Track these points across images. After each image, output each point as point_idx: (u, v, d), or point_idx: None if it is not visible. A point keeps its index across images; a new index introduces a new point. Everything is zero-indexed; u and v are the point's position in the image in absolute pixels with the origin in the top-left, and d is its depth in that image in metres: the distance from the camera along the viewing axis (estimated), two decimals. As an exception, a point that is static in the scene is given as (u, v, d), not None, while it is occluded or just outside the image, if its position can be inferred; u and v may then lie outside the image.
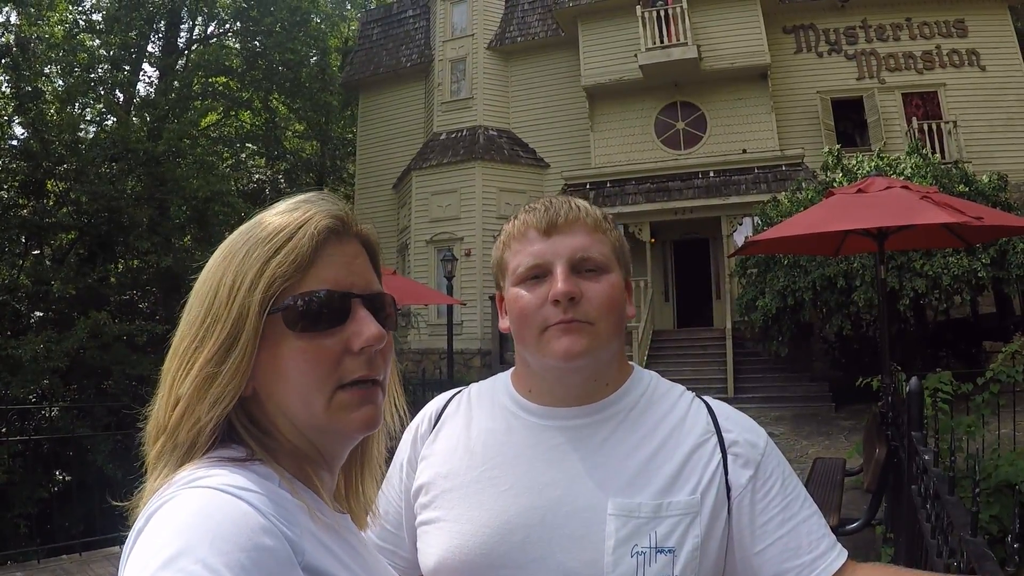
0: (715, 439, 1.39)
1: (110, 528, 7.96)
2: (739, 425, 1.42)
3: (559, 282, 1.34)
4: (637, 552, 1.28)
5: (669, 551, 1.28)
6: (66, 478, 15.73)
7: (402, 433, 1.29)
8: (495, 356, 20.23)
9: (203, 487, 0.86)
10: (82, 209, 19.46)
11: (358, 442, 1.11)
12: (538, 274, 1.38)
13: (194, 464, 0.93)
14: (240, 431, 0.98)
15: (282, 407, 0.99)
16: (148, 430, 1.00)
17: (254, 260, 0.97)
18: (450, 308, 16.92)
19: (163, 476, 0.93)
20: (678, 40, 19.41)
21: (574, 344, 1.34)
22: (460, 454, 1.45)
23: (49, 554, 7.91)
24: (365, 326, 1.01)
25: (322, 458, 1.04)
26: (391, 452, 1.30)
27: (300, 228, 0.99)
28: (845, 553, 1.33)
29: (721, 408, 1.46)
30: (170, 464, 0.94)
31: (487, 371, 19.39)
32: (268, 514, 0.85)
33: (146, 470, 0.99)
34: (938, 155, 16.56)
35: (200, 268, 1.04)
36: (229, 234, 1.05)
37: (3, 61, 19.37)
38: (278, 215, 1.02)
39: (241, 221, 1.09)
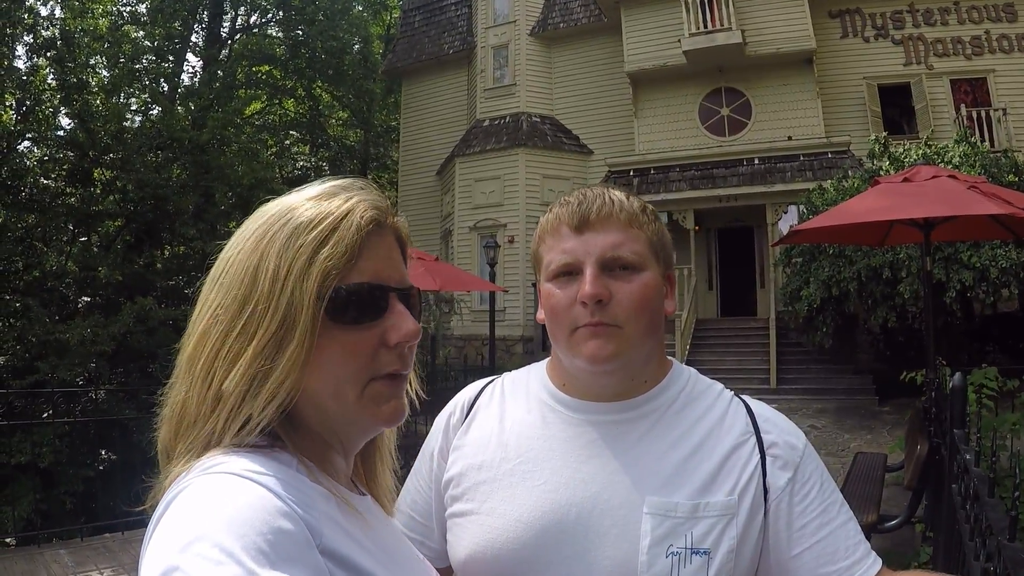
0: (754, 440, 1.36)
1: (152, 508, 8.13)
2: (778, 427, 1.40)
3: (587, 284, 1.31)
4: (672, 552, 1.26)
5: (704, 552, 1.26)
6: (112, 458, 16.04)
7: (413, 423, 1.28)
8: (537, 343, 20.27)
9: (221, 472, 0.86)
10: (128, 197, 19.80)
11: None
12: (569, 271, 1.36)
13: (213, 451, 0.92)
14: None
15: (311, 396, 0.97)
16: (167, 417, 0.99)
17: (302, 248, 0.95)
18: (492, 295, 16.92)
19: (183, 464, 0.92)
20: (722, 25, 19.17)
21: (601, 349, 1.32)
22: (494, 446, 1.43)
23: (93, 532, 8.07)
24: (403, 321, 1.01)
25: (341, 446, 1.04)
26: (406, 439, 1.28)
27: (345, 218, 0.98)
28: (880, 561, 1.31)
29: (760, 408, 1.43)
30: (193, 452, 0.94)
31: (529, 357, 19.41)
32: (286, 498, 0.85)
33: (160, 458, 0.99)
34: (987, 143, 16.17)
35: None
36: None
37: (48, 54, 19.69)
38: (315, 201, 1.01)
39: None
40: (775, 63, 19.51)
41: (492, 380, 1.59)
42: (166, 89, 26.18)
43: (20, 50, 20.00)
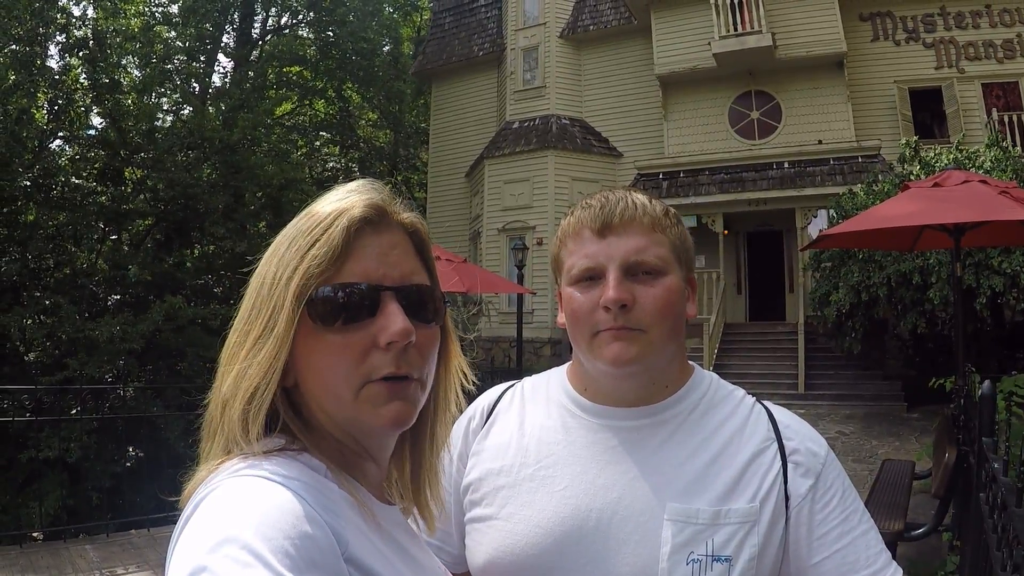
0: (775, 447, 1.35)
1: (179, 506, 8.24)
2: (800, 434, 1.38)
3: (610, 289, 1.31)
4: (693, 559, 1.25)
5: (726, 560, 1.25)
6: (139, 454, 16.19)
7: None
8: (565, 345, 20.21)
9: (249, 475, 0.87)
10: (159, 196, 19.99)
11: (422, 435, 1.13)
12: (592, 276, 1.35)
13: (243, 454, 0.93)
14: (287, 422, 0.98)
15: (316, 400, 0.98)
16: (205, 418, 1.00)
17: (295, 252, 0.97)
18: (520, 297, 16.90)
19: (211, 465, 0.93)
20: (752, 28, 19.04)
21: (624, 352, 1.31)
22: (513, 451, 1.42)
23: (119, 528, 8.13)
24: (392, 321, 0.97)
25: (364, 450, 1.03)
26: None
27: (336, 219, 0.98)
28: (900, 571, 1.30)
29: (782, 415, 1.42)
30: (218, 454, 0.95)
31: (557, 360, 19.38)
32: (313, 503, 0.86)
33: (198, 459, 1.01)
34: (1019, 148, 16.00)
35: None
36: None
37: (80, 54, 19.92)
38: (323, 205, 1.02)
39: None
40: (805, 66, 19.36)
41: (511, 385, 1.58)
42: (197, 89, 26.43)
43: (53, 49, 20.26)
